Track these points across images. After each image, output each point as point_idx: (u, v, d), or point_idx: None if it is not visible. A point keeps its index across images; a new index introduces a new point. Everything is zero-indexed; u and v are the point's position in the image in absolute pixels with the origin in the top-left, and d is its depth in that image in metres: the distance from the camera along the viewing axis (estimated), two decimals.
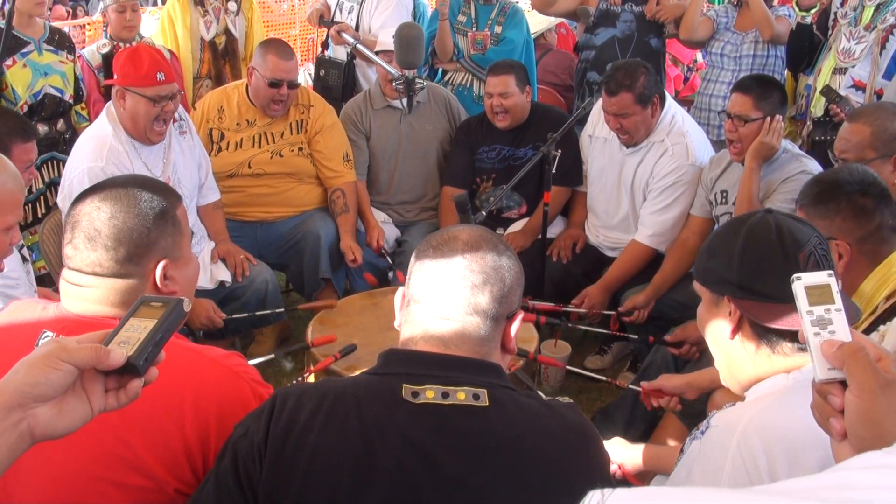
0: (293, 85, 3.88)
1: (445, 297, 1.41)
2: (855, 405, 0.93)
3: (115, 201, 1.56)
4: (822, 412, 0.99)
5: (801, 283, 1.03)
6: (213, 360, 1.55)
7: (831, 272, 1.05)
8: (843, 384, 0.96)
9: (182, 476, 1.44)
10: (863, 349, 0.95)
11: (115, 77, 3.32)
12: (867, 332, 2.00)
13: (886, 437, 0.90)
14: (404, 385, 1.34)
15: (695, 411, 2.69)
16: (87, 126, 4.19)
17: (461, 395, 1.34)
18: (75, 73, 4.24)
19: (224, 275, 3.58)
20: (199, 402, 1.46)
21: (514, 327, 1.48)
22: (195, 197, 3.67)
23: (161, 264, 1.58)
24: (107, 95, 4.20)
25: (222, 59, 4.82)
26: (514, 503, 1.29)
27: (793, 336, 1.54)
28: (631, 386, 2.86)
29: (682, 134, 3.64)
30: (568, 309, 3.61)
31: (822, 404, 0.98)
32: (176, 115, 3.46)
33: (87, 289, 1.54)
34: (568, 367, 3.35)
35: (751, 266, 1.57)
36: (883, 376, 0.93)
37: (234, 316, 3.29)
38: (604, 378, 3.17)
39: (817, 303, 1.01)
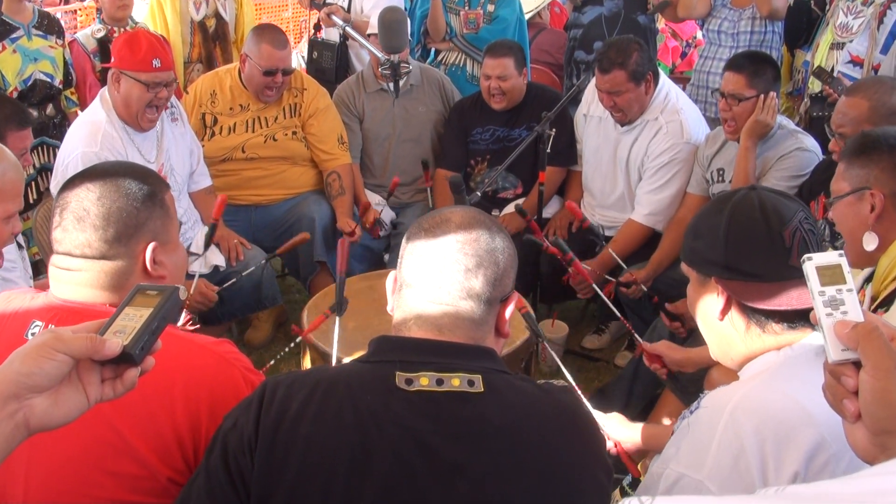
0: (287, 72, 3.86)
1: (438, 281, 1.39)
2: (870, 385, 0.91)
3: (104, 183, 1.56)
4: (835, 393, 0.97)
5: (812, 263, 1.02)
6: (203, 347, 1.54)
7: (842, 252, 1.03)
8: (856, 365, 0.94)
9: (173, 464, 1.43)
10: (877, 329, 0.93)
11: (113, 60, 3.30)
12: (893, 295, 1.99)
13: None
14: (398, 373, 1.33)
15: (693, 389, 2.69)
16: (77, 110, 4.17)
17: (455, 382, 1.32)
18: (65, 58, 4.20)
19: (218, 259, 3.57)
20: (189, 389, 1.45)
21: (509, 311, 1.46)
22: (187, 184, 3.66)
23: (150, 246, 1.57)
24: (103, 80, 4.18)
25: (213, 42, 4.78)
26: (512, 489, 1.28)
27: (782, 316, 1.53)
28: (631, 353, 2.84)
29: (676, 111, 3.62)
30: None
31: (834, 385, 0.97)
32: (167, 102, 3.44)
33: (77, 272, 1.53)
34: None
35: (736, 246, 1.55)
36: None
37: (226, 285, 3.28)
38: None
39: (829, 283, 1.00)
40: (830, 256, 1.02)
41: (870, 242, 2.03)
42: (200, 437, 1.45)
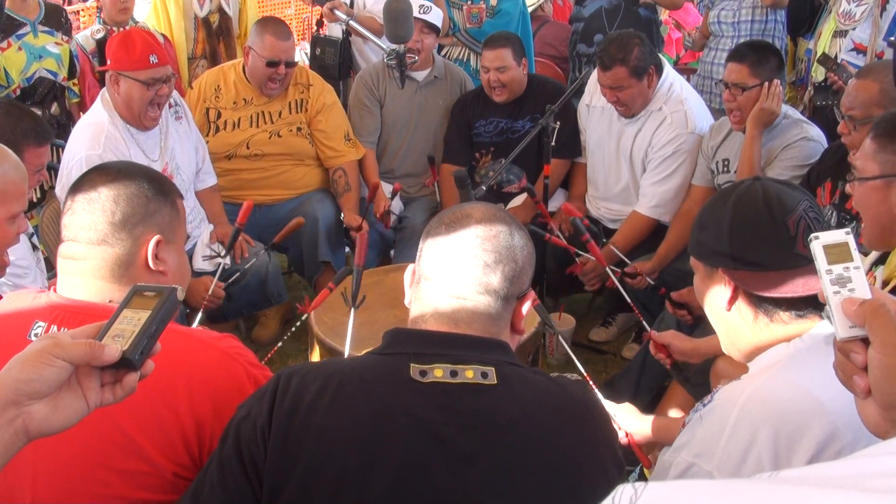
0: (291, 64, 3.85)
1: (457, 275, 1.40)
2: (879, 361, 0.92)
3: (120, 172, 1.60)
4: (844, 370, 0.98)
5: (819, 242, 1.03)
6: (205, 342, 1.54)
7: (849, 230, 1.04)
8: (864, 341, 0.95)
9: (179, 460, 1.44)
10: (884, 305, 0.94)
11: (109, 62, 3.29)
12: None
13: None
14: (412, 364, 1.33)
15: (699, 380, 2.68)
16: (79, 102, 4.17)
17: (469, 374, 1.33)
18: (70, 53, 4.19)
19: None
20: (192, 385, 1.46)
21: (525, 308, 1.47)
22: (193, 182, 3.67)
23: (154, 239, 1.58)
24: (102, 81, 4.18)
25: (217, 37, 4.78)
26: (523, 481, 1.28)
27: (790, 304, 1.53)
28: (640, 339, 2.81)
29: (680, 102, 3.60)
30: (578, 252, 3.52)
31: (844, 362, 0.97)
32: (171, 100, 3.44)
33: (81, 262, 1.54)
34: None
35: (741, 236, 1.55)
36: None
37: (231, 280, 3.29)
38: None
39: (836, 261, 1.01)
40: (837, 235, 1.03)
41: None
42: (205, 433, 1.45)
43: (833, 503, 0.55)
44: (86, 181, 1.58)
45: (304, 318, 2.73)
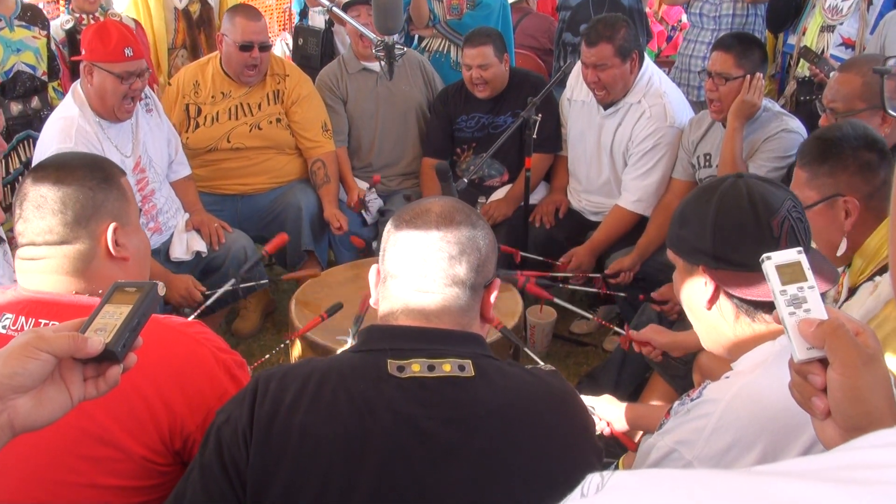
0: (264, 47, 3.82)
1: (423, 270, 1.41)
2: (839, 383, 0.91)
3: (58, 170, 1.60)
4: (802, 392, 0.97)
5: (772, 262, 1.02)
6: (171, 328, 1.55)
7: (801, 249, 1.03)
8: (822, 362, 0.94)
9: (151, 444, 1.44)
10: (842, 325, 0.93)
11: (83, 52, 3.26)
12: (867, 281, 1.98)
13: (872, 412, 0.90)
14: (389, 360, 1.34)
15: (680, 373, 2.70)
16: None
17: (447, 367, 1.34)
18: (49, 49, 4.15)
19: (200, 245, 3.55)
20: (160, 370, 1.46)
21: (493, 296, 1.49)
22: (167, 174, 3.63)
23: (111, 227, 1.59)
24: (74, 72, 4.13)
25: (197, 28, 4.74)
26: (505, 470, 1.29)
27: (772, 305, 1.52)
28: (617, 329, 2.83)
29: (659, 95, 3.61)
30: (556, 274, 3.58)
31: (802, 384, 0.97)
32: (142, 93, 3.41)
33: (41, 260, 1.55)
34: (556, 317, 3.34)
35: (724, 235, 1.54)
36: (865, 352, 0.92)
37: (216, 294, 3.26)
38: (594, 318, 3.19)
39: (790, 281, 1.00)
40: (790, 254, 1.02)
41: (840, 248, 2.01)
42: (176, 417, 1.46)
43: (794, 492, 0.54)
44: (29, 187, 1.58)
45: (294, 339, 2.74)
